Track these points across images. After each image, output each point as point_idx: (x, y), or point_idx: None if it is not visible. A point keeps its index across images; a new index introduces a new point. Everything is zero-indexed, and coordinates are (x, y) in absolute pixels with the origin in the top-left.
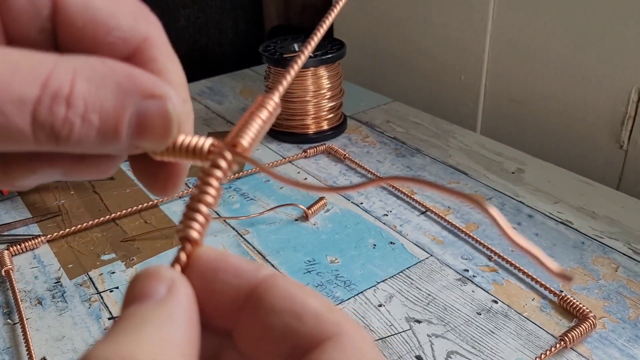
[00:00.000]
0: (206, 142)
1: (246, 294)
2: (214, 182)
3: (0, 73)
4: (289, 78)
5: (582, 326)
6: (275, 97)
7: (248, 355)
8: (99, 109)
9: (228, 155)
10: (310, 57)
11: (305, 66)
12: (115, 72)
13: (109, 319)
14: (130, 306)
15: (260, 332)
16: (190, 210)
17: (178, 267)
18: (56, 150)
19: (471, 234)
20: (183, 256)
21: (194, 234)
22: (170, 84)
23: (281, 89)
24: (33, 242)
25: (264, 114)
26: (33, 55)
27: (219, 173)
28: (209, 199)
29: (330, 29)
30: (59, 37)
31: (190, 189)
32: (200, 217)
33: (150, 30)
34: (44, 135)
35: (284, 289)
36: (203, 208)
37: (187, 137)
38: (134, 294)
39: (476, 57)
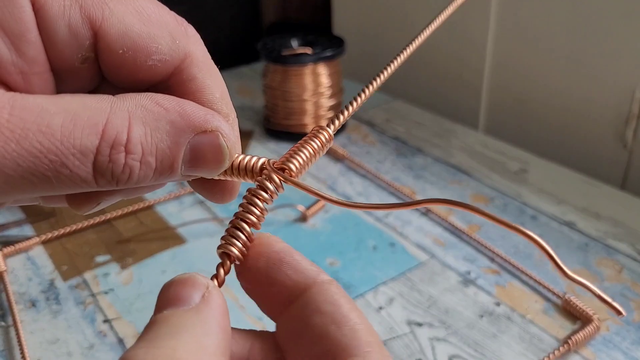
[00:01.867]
0: (258, 163)
1: (301, 291)
2: (259, 202)
3: (61, 125)
4: (346, 114)
5: (586, 329)
6: (330, 129)
7: (285, 348)
8: (155, 151)
9: (275, 178)
10: (308, 54)
11: (304, 63)
12: (168, 112)
13: (104, 321)
14: (165, 309)
15: (301, 329)
16: (233, 228)
17: (215, 282)
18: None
19: (473, 236)
20: (222, 272)
21: (234, 251)
22: (212, 102)
23: (337, 123)
24: (27, 243)
25: (315, 143)
26: (89, 102)
27: (264, 194)
28: (252, 218)
29: (330, 26)
30: (101, 63)
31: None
32: (242, 235)
33: (190, 47)
34: (105, 181)
35: (333, 296)
36: (246, 227)
37: (240, 157)
38: (169, 298)
39: (478, 53)
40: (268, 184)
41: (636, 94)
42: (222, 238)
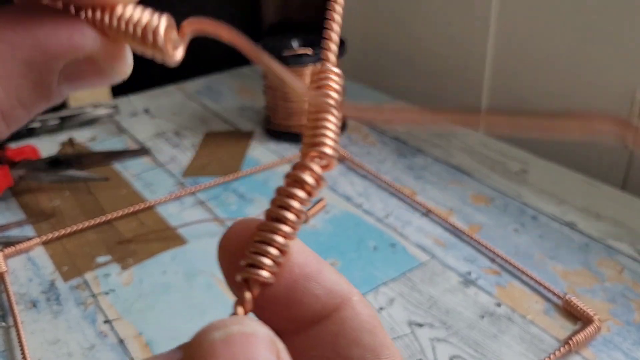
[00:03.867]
0: (161, 23)
1: (329, 313)
2: (295, 204)
3: None
4: (334, 33)
5: (587, 330)
6: (335, 67)
7: None
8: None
9: (317, 168)
10: (308, 55)
11: (304, 64)
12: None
13: (105, 322)
14: None
15: (331, 355)
16: (262, 243)
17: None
18: None
19: (473, 236)
20: (249, 301)
21: (265, 275)
22: None
23: (333, 46)
24: (27, 244)
25: (332, 98)
26: None
27: (302, 194)
28: (287, 229)
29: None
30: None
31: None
32: (274, 251)
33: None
34: None
35: (368, 322)
36: (279, 240)
37: (128, 10)
38: None
39: (479, 55)
40: (308, 177)
41: (637, 95)
42: (246, 257)
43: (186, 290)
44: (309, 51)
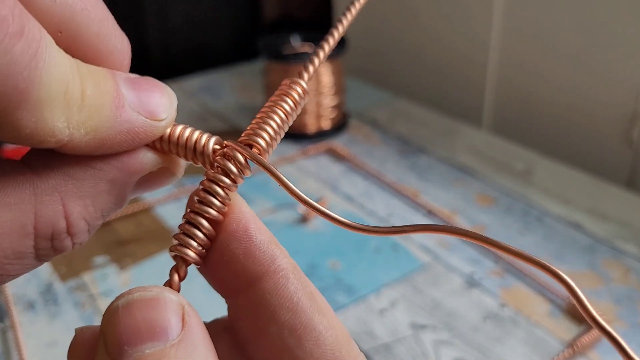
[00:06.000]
0: (210, 142)
1: (253, 280)
2: (220, 191)
3: None
4: (322, 56)
5: (592, 332)
6: (303, 82)
7: (241, 330)
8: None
9: (240, 158)
10: (310, 52)
11: (303, 61)
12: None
13: None
14: (143, 346)
15: (251, 326)
16: (188, 225)
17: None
18: None
19: None
20: (176, 278)
21: (191, 254)
22: None
23: (311, 69)
24: None
25: (287, 104)
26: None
27: (226, 180)
28: (212, 212)
29: (331, 23)
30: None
31: (198, 192)
32: (199, 234)
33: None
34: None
35: (288, 299)
36: (204, 223)
37: (187, 131)
38: (141, 329)
39: (482, 52)
40: (230, 165)
41: None
42: (175, 236)
43: (184, 291)
44: (309, 48)
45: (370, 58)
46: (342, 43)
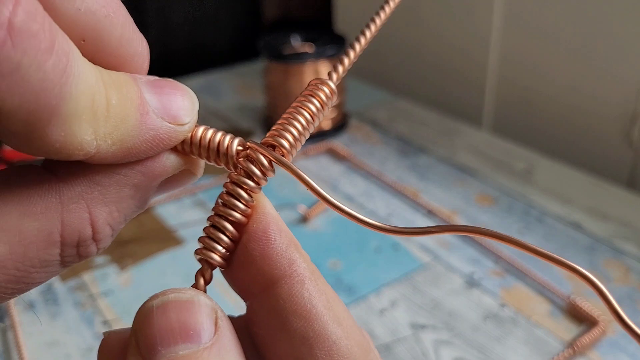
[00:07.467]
0: (233, 143)
1: (268, 285)
2: (244, 193)
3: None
4: (352, 56)
5: (592, 332)
6: (332, 83)
7: (259, 332)
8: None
9: (264, 160)
10: (310, 52)
11: (305, 61)
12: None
13: (103, 323)
14: (176, 347)
15: (265, 331)
16: (212, 228)
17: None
18: None
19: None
20: (202, 282)
21: (216, 258)
22: None
23: (341, 69)
24: None
25: (314, 105)
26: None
27: (250, 183)
28: (236, 214)
29: (331, 23)
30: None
31: (220, 197)
32: (224, 237)
33: None
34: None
35: (302, 306)
36: (228, 226)
37: (209, 132)
38: (174, 330)
39: (483, 52)
40: (253, 168)
41: None
42: (200, 240)
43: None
44: (309, 48)
45: (370, 58)
46: (342, 43)
